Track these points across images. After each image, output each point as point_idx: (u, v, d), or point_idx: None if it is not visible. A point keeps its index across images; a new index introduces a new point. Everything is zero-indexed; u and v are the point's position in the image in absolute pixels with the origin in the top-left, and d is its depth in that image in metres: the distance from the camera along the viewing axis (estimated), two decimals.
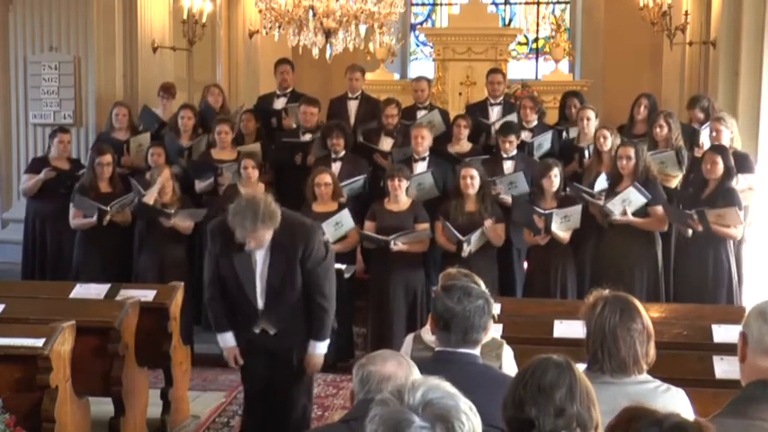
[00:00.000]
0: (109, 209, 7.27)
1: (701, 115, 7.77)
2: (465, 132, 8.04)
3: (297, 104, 8.36)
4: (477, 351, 3.24)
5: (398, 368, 2.79)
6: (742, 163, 7.05)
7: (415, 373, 2.78)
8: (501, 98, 8.82)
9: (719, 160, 6.70)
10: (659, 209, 6.79)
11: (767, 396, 2.46)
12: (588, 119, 7.80)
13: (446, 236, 6.97)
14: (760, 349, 2.55)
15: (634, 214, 6.73)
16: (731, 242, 6.81)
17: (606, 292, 3.11)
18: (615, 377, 2.99)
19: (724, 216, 6.59)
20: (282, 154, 8.08)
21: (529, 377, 2.25)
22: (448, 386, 1.80)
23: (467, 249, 6.82)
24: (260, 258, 4.76)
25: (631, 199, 6.70)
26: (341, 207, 7.15)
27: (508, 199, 7.28)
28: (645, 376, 3.03)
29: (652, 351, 3.04)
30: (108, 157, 7.52)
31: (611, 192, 6.85)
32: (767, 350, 2.54)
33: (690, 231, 6.74)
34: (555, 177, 6.93)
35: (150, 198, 7.18)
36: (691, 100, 8.16)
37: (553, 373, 2.26)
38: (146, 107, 8.66)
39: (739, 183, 6.94)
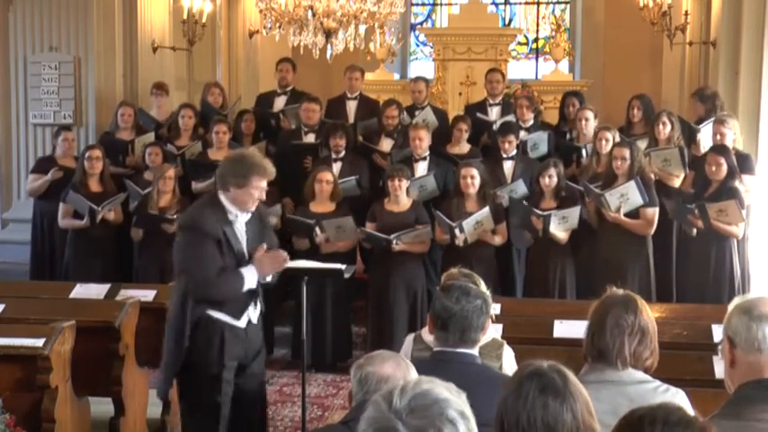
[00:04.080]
0: (100, 209, 7.28)
1: (701, 106, 7.73)
2: (465, 136, 8.05)
3: (295, 106, 8.36)
4: (475, 351, 3.25)
5: (397, 369, 2.79)
6: (743, 164, 7.05)
7: (414, 375, 2.78)
8: (500, 98, 8.83)
9: (723, 161, 6.72)
10: (649, 212, 6.80)
11: (761, 396, 2.45)
12: (587, 119, 7.80)
13: (440, 228, 6.98)
14: (751, 348, 2.52)
15: (626, 214, 6.75)
16: (734, 241, 6.81)
17: (620, 291, 3.11)
18: (599, 366, 2.96)
19: (725, 211, 6.59)
20: (289, 157, 8.01)
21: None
22: (442, 391, 1.77)
23: (460, 237, 6.81)
24: (241, 229, 4.72)
25: (629, 195, 6.70)
26: (338, 207, 7.16)
27: (505, 198, 7.30)
28: (644, 376, 3.01)
29: (648, 353, 3.01)
30: (97, 152, 7.54)
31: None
32: (760, 347, 2.52)
33: (694, 230, 6.76)
34: (550, 177, 6.94)
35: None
36: (696, 90, 8.15)
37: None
38: (141, 110, 8.67)
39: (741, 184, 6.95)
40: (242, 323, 4.74)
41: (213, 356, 4.63)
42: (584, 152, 7.69)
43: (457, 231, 6.81)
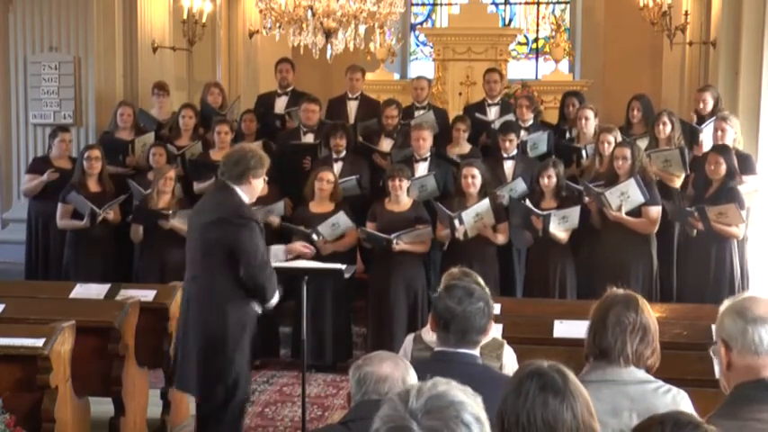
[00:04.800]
0: (101, 211, 7.28)
1: (710, 101, 7.73)
2: (465, 136, 8.05)
3: (299, 108, 8.36)
4: (476, 352, 3.24)
5: (395, 369, 2.79)
6: (744, 164, 7.06)
7: (412, 375, 2.79)
8: (499, 98, 8.83)
9: (722, 161, 6.72)
10: (652, 210, 6.80)
11: (760, 396, 2.44)
12: (587, 118, 7.80)
13: (441, 221, 6.97)
14: (749, 351, 2.50)
15: (628, 213, 6.75)
16: (735, 242, 6.82)
17: (621, 290, 3.10)
18: (601, 365, 2.96)
19: (725, 213, 6.60)
20: (288, 157, 8.01)
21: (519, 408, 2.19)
22: (459, 394, 1.77)
23: (460, 228, 6.81)
24: None
25: (630, 193, 6.69)
26: (338, 208, 7.16)
27: (505, 198, 7.30)
28: (645, 375, 3.01)
29: (649, 352, 3.00)
30: (96, 152, 7.54)
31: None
32: (757, 350, 2.49)
33: (694, 231, 6.75)
34: (550, 177, 6.93)
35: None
36: (704, 86, 8.14)
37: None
38: (141, 110, 8.67)
39: (745, 185, 6.95)
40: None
41: (249, 349, 4.91)
42: (584, 153, 7.69)
43: (456, 223, 6.81)
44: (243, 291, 4.83)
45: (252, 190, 4.92)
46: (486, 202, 6.86)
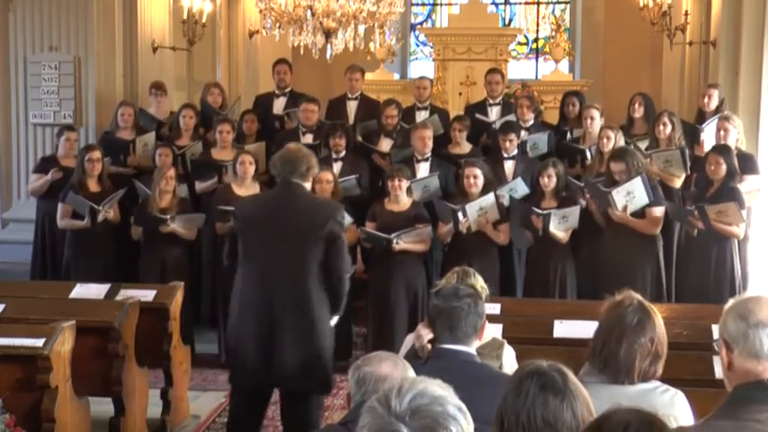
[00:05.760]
0: (101, 208, 7.28)
1: (716, 99, 7.71)
2: (462, 135, 8.04)
3: (298, 109, 8.36)
4: (471, 349, 3.26)
5: (394, 369, 2.79)
6: (746, 163, 7.06)
7: (412, 375, 2.79)
8: (500, 98, 8.84)
9: (722, 161, 6.72)
10: (655, 211, 6.78)
11: (759, 397, 2.43)
12: (592, 118, 7.79)
13: (443, 219, 6.96)
14: (749, 353, 2.48)
15: (631, 213, 6.73)
16: (735, 242, 6.81)
17: (637, 296, 3.09)
18: (603, 376, 2.97)
19: (725, 212, 6.59)
20: None
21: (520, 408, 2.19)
22: (436, 389, 1.76)
23: (464, 222, 6.80)
24: None
25: (636, 194, 6.67)
26: None
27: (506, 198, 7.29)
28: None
29: (654, 368, 3.00)
30: (97, 153, 7.53)
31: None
32: (758, 354, 2.48)
33: (695, 230, 6.75)
34: (549, 177, 6.93)
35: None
36: (713, 83, 8.14)
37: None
38: (141, 109, 8.67)
39: (747, 184, 6.95)
40: None
41: None
42: (588, 154, 7.68)
43: (460, 216, 6.79)
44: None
45: (309, 187, 5.31)
46: (490, 196, 6.86)
